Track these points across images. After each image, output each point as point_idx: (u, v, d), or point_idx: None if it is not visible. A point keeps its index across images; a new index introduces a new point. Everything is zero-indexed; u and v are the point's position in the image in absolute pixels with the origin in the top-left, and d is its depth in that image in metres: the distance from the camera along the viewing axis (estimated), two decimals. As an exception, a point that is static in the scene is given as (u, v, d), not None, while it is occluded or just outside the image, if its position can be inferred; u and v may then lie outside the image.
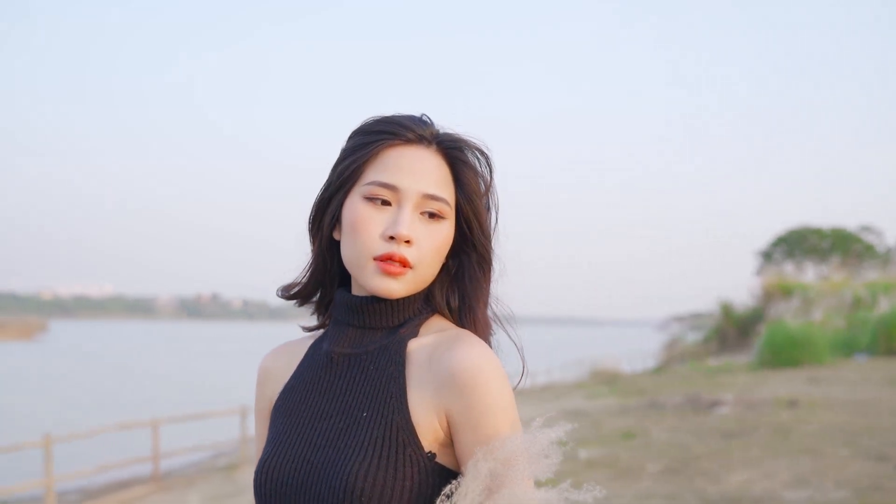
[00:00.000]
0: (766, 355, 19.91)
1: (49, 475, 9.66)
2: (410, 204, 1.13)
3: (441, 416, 1.09)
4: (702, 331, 38.13)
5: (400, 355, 1.13)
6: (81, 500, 10.86)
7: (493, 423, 1.07)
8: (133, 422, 12.18)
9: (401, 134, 1.15)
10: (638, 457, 8.95)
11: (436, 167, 1.15)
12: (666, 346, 36.93)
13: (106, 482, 12.03)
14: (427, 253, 1.13)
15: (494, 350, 1.21)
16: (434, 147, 1.16)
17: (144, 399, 24.31)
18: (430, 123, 1.18)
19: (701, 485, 7.38)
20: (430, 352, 1.12)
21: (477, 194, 1.17)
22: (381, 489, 1.05)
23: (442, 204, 1.14)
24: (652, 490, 7.31)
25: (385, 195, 1.13)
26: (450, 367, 1.09)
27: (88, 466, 10.82)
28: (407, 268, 1.12)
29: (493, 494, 1.05)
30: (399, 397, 1.10)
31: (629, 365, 33.17)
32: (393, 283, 1.12)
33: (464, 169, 1.16)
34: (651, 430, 10.90)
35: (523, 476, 1.06)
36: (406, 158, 1.14)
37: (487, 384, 1.08)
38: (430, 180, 1.14)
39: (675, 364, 29.95)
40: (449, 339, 1.13)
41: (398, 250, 1.11)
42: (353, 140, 1.18)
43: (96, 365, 44.68)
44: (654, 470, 8.19)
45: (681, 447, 9.37)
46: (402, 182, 1.13)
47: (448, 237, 1.16)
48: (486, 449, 1.06)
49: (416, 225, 1.13)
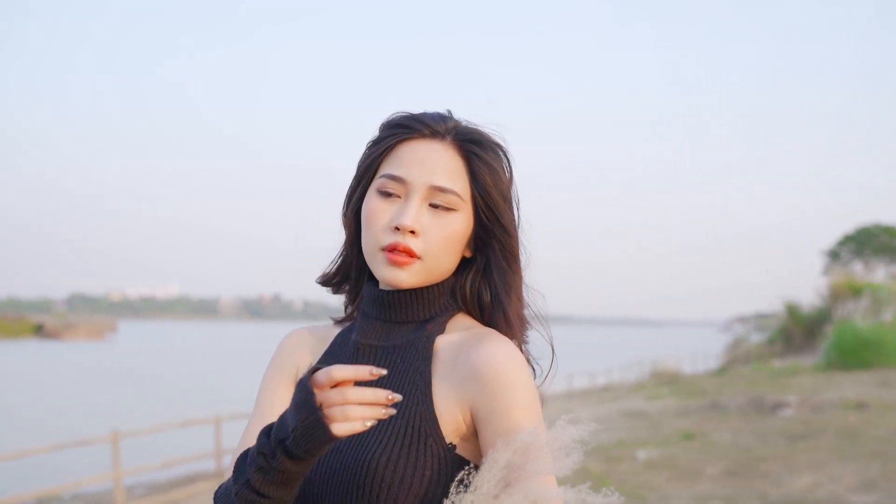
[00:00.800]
0: (833, 357, 19.34)
1: (117, 469, 9.95)
2: (418, 195, 1.15)
3: (465, 411, 1.11)
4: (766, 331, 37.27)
5: (427, 351, 1.16)
6: (148, 494, 11.15)
7: (516, 418, 1.09)
8: (196, 419, 12.45)
9: (416, 128, 1.17)
10: (698, 458, 8.79)
11: (447, 160, 1.16)
12: (729, 347, 36.21)
13: (171, 477, 12.34)
14: (435, 244, 1.14)
15: (528, 347, 1.23)
16: (449, 141, 1.17)
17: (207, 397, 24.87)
18: (449, 118, 1.20)
19: (762, 487, 7.22)
20: (457, 349, 1.15)
21: (492, 187, 1.17)
22: (401, 476, 1.07)
23: (451, 196, 1.15)
24: (711, 492, 7.18)
25: (394, 188, 1.16)
26: (476, 363, 1.11)
27: (154, 461, 11.12)
28: (413, 258, 1.14)
29: (508, 486, 1.05)
30: (424, 390, 1.13)
31: (691, 366, 32.63)
32: (399, 273, 1.14)
33: (477, 162, 1.17)
34: (712, 431, 10.70)
35: (542, 471, 1.06)
36: (418, 152, 1.16)
37: (511, 381, 1.10)
38: (439, 172, 1.15)
39: (739, 365, 29.32)
40: (476, 336, 1.15)
41: (402, 240, 1.13)
42: (374, 136, 1.22)
43: (162, 364, 45.90)
44: (714, 472, 8.04)
45: (742, 449, 9.18)
46: (409, 174, 1.15)
47: (460, 230, 1.16)
48: (506, 440, 1.07)
49: (423, 216, 1.15)
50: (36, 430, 17.83)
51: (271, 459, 0.99)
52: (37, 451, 9.64)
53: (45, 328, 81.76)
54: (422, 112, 1.20)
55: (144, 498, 10.79)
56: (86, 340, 79.00)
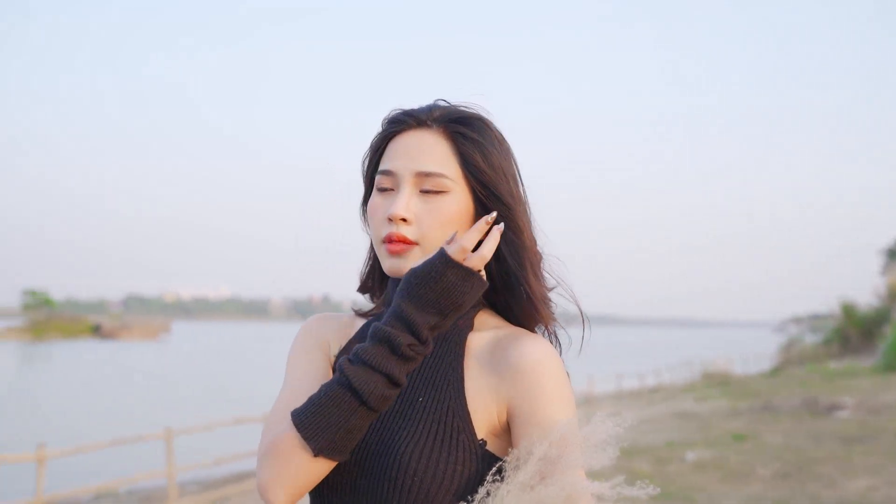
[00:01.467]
0: (892, 358, 18.82)
1: (170, 466, 10.15)
2: (407, 184, 1.17)
3: (501, 408, 1.12)
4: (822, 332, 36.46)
5: (460, 346, 1.17)
6: (200, 491, 11.35)
7: (552, 414, 1.10)
8: (247, 417, 12.63)
9: (404, 121, 1.20)
10: (749, 460, 8.65)
11: (432, 145, 1.18)
12: (782, 348, 35.49)
13: (223, 475, 12.54)
14: (430, 228, 1.16)
15: (557, 331, 1.23)
16: (434, 127, 1.19)
17: (258, 396, 25.24)
18: (436, 106, 1.21)
19: (816, 490, 7.06)
20: (493, 346, 1.16)
21: (481, 163, 1.17)
22: (433, 471, 1.08)
23: (438, 179, 1.16)
24: (763, 493, 7.05)
25: (387, 182, 1.19)
26: (514, 361, 1.12)
27: (206, 459, 11.31)
28: (408, 245, 1.16)
29: (545, 479, 1.06)
30: (456, 384, 1.14)
31: (742, 367, 32.04)
32: (398, 261, 1.16)
33: (463, 141, 1.18)
34: (764, 433, 10.52)
35: (577, 463, 1.06)
36: (405, 144, 1.19)
37: (549, 379, 1.11)
38: (423, 158, 1.17)
39: (792, 366, 28.72)
40: (513, 334, 1.17)
41: (396, 230, 1.16)
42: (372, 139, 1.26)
43: (214, 363, 46.71)
44: (765, 473, 7.90)
45: (795, 451, 9.00)
46: (397, 166, 1.18)
47: (455, 210, 1.17)
48: (542, 433, 1.08)
49: (414, 204, 1.16)
50: (93, 427, 18.30)
51: (422, 347, 1.07)
52: (94, 448, 9.89)
53: (102, 328, 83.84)
54: (415, 106, 1.22)
55: (197, 494, 10.99)
56: (141, 340, 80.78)
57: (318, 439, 1.06)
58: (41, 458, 8.70)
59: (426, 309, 1.06)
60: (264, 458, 1.09)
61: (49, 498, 8.96)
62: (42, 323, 78.61)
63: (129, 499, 11.43)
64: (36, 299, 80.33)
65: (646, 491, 1.08)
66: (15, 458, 9.50)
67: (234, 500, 10.62)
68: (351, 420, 1.06)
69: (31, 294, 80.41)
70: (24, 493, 9.79)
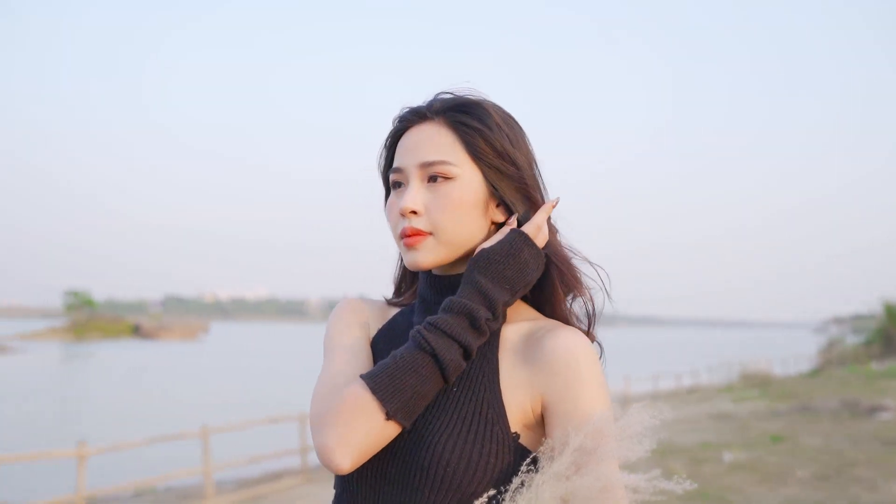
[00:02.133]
0: (936, 359, 18.39)
1: (207, 464, 10.28)
2: (414, 178, 1.19)
3: (536, 400, 1.12)
4: (863, 333, 35.75)
5: (494, 338, 1.17)
6: (236, 489, 11.48)
7: (587, 406, 1.09)
8: (282, 416, 12.74)
9: (407, 118, 1.22)
10: (786, 461, 8.52)
11: (433, 135, 1.19)
12: (823, 349, 34.85)
13: (258, 473, 12.67)
14: (441, 216, 1.16)
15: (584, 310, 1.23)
16: (435, 119, 1.20)
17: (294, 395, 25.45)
18: (436, 99, 1.22)
19: (855, 492, 6.93)
20: (527, 338, 1.16)
21: (484, 146, 1.18)
22: (466, 462, 1.08)
23: (441, 165, 1.17)
24: (800, 496, 6.94)
25: (398, 178, 1.21)
26: (548, 352, 1.12)
27: (242, 457, 11.44)
28: (421, 236, 1.17)
29: (580, 470, 1.06)
30: (491, 376, 1.14)
31: (782, 368, 31.56)
32: (415, 254, 1.17)
33: (463, 128, 1.18)
34: (802, 434, 10.35)
35: (612, 455, 1.06)
36: (408, 139, 1.21)
37: (583, 369, 1.11)
38: (426, 149, 1.18)
39: (833, 368, 28.21)
40: (548, 326, 1.17)
41: (408, 223, 1.18)
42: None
43: (252, 363, 47.22)
44: (803, 475, 7.77)
45: (834, 453, 8.85)
46: (403, 161, 1.20)
47: (464, 195, 1.17)
48: (578, 424, 1.08)
49: (422, 195, 1.18)
50: (132, 425, 18.61)
51: (494, 322, 1.13)
52: (132, 445, 10.05)
53: (142, 328, 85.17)
54: (420, 103, 1.23)
55: (232, 492, 11.12)
56: (180, 340, 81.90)
57: (392, 401, 1.07)
58: (82, 455, 8.86)
59: (502, 285, 1.12)
60: (327, 422, 1.08)
61: (90, 494, 9.14)
62: (83, 323, 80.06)
63: (166, 495, 11.59)
64: (77, 300, 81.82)
65: (682, 485, 1.07)
66: (57, 454, 9.70)
67: (270, 499, 10.72)
68: (426, 385, 1.09)
69: (73, 295, 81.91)
70: (65, 489, 9.99)
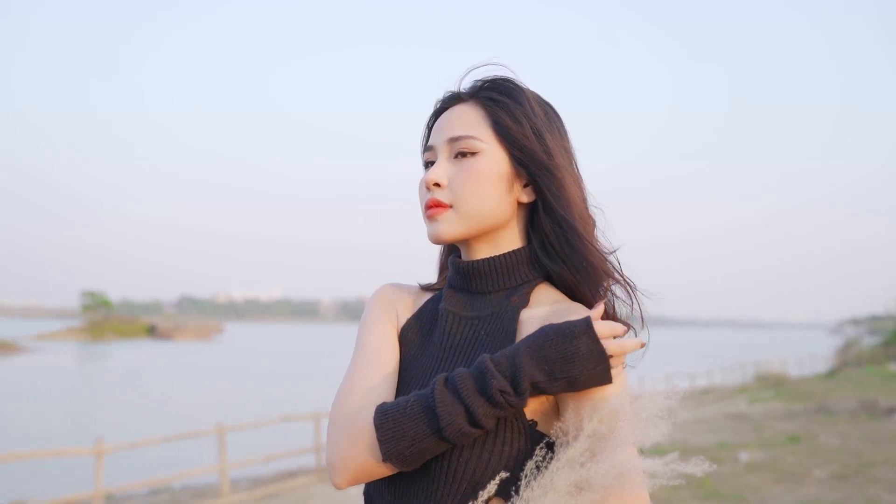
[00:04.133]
0: (954, 360, 18.21)
1: (223, 462, 10.32)
2: (442, 153, 1.20)
3: None
4: (880, 334, 35.48)
5: (512, 324, 1.15)
6: (251, 488, 11.52)
7: (601, 390, 1.06)
8: (296, 414, 12.78)
9: (444, 101, 1.25)
10: (803, 461, 8.46)
11: (462, 113, 1.20)
12: (839, 350, 34.63)
13: (273, 472, 12.72)
14: (463, 188, 1.17)
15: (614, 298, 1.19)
16: (467, 100, 1.22)
17: (308, 394, 25.52)
18: (473, 82, 1.23)
19: (875, 493, 6.88)
20: (543, 321, 1.13)
21: (509, 123, 1.18)
22: (479, 450, 1.07)
23: (467, 140, 1.18)
24: (818, 496, 6.89)
25: (429, 157, 1.23)
26: None
27: (257, 456, 11.48)
28: (442, 207, 1.18)
29: (595, 456, 1.04)
30: None
31: (797, 369, 31.35)
32: (436, 226, 1.18)
33: (493, 106, 1.19)
34: (819, 434, 10.28)
35: (628, 440, 1.04)
36: (442, 119, 1.23)
37: None
38: (454, 126, 1.20)
39: (849, 368, 28.02)
40: (563, 310, 1.13)
41: (432, 195, 1.19)
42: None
43: (266, 363, 47.39)
44: (821, 475, 7.72)
45: (852, 453, 8.78)
46: (434, 139, 1.22)
47: (486, 169, 1.17)
48: (592, 410, 1.05)
49: (447, 169, 1.19)
50: (148, 423, 18.71)
51: (515, 398, 1.04)
52: (149, 443, 10.11)
53: (157, 329, 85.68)
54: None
55: (247, 490, 11.16)
56: (194, 341, 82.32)
57: (389, 446, 1.06)
58: (99, 453, 8.93)
59: (539, 363, 1.04)
60: (338, 437, 1.10)
61: (107, 491, 9.19)
62: (99, 323, 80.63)
63: (182, 493, 11.65)
64: (94, 300, 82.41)
65: (700, 468, 1.04)
66: (75, 451, 9.77)
67: (284, 497, 10.75)
68: (425, 441, 1.05)
69: (90, 295, 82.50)
70: (83, 485, 10.07)
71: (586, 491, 1.03)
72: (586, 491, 1.03)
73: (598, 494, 1.03)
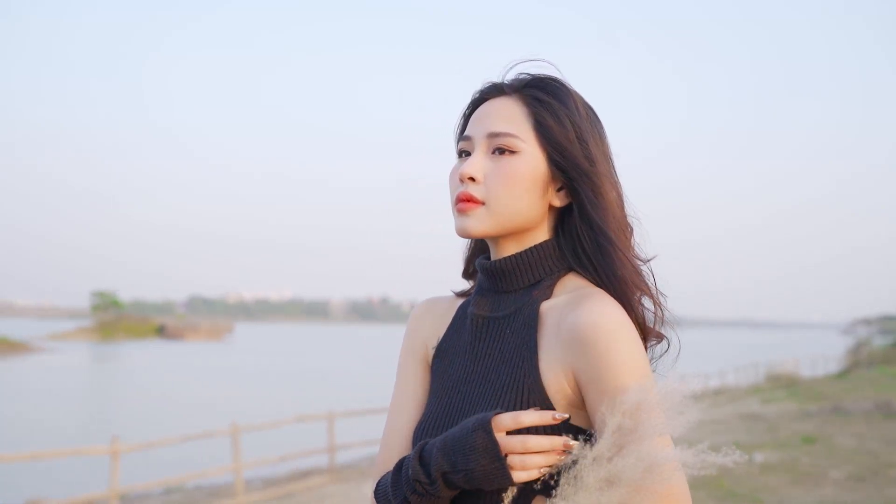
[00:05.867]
0: (969, 360, 18.09)
1: (237, 462, 10.35)
2: (480, 147, 1.18)
3: (569, 376, 1.08)
4: (892, 334, 35.32)
5: (532, 318, 1.14)
6: (265, 487, 11.55)
7: (618, 380, 1.04)
8: (310, 415, 12.80)
9: (485, 91, 1.22)
10: (820, 462, 8.44)
11: (504, 108, 1.18)
12: (851, 350, 34.47)
13: (286, 471, 12.75)
14: (497, 186, 1.15)
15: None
16: (511, 94, 1.20)
17: (320, 394, 25.58)
18: (519, 75, 1.22)
19: (893, 494, 6.86)
20: (561, 311, 1.12)
21: (552, 125, 1.16)
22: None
23: (508, 138, 1.16)
24: (836, 497, 6.87)
25: (464, 147, 1.21)
26: (575, 324, 1.07)
27: (271, 455, 11.51)
28: (474, 203, 1.16)
29: (621, 450, 1.01)
30: (530, 360, 1.11)
31: (810, 369, 31.21)
32: (465, 220, 1.16)
33: (535, 104, 1.17)
34: (834, 435, 10.25)
35: (654, 431, 1.01)
36: (481, 111, 1.21)
37: (611, 340, 1.05)
38: (495, 120, 1.17)
39: (862, 369, 27.88)
40: (579, 297, 1.11)
41: (465, 189, 1.16)
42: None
43: (278, 363, 47.51)
44: (837, 476, 7.69)
45: (869, 454, 8.75)
46: (472, 130, 1.20)
47: (524, 170, 1.15)
48: (612, 403, 1.03)
49: (484, 164, 1.17)
50: (162, 423, 18.80)
51: (430, 487, 1.07)
52: (164, 443, 10.15)
53: (168, 329, 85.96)
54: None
55: (261, 490, 11.20)
56: (205, 341, 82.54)
57: None
58: (115, 452, 8.97)
59: (447, 454, 1.06)
60: (372, 480, 1.19)
61: (123, 490, 9.24)
62: (110, 323, 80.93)
63: (197, 493, 11.70)
64: (104, 300, 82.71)
65: (732, 458, 1.03)
66: (91, 451, 9.83)
67: (298, 497, 10.78)
68: None
69: (100, 295, 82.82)
70: (99, 485, 10.12)
71: (616, 486, 1.01)
72: (616, 486, 1.01)
73: (628, 488, 1.01)
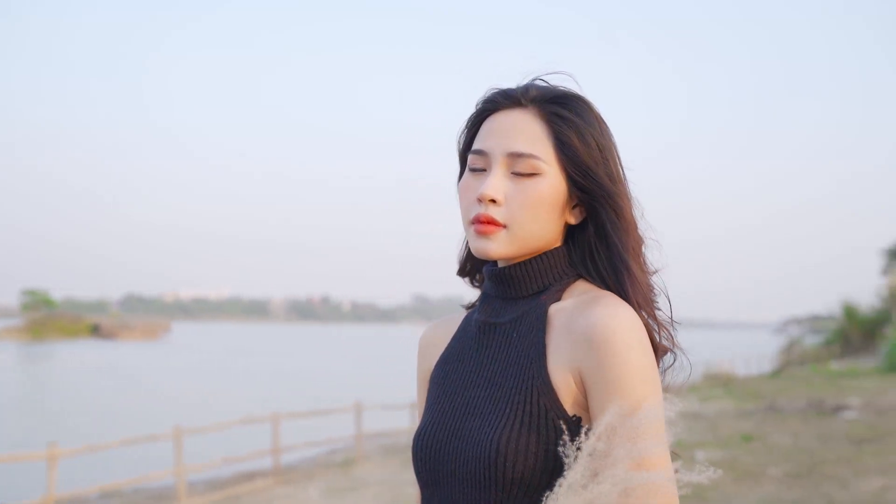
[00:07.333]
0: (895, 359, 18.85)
1: (179, 465, 10.16)
2: (499, 165, 1.14)
3: (576, 377, 1.07)
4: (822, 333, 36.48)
5: (540, 320, 1.13)
6: (208, 491, 11.36)
7: (624, 384, 1.03)
8: (255, 416, 12.64)
9: (498, 101, 1.17)
10: (759, 460, 8.68)
11: (525, 124, 1.14)
12: (783, 349, 35.50)
13: (230, 474, 12.56)
14: (519, 210, 1.12)
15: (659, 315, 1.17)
16: (529, 107, 1.15)
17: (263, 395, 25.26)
18: (532, 86, 1.18)
19: (829, 490, 7.09)
20: (569, 314, 1.11)
21: (578, 145, 1.13)
22: (524, 454, 1.06)
23: (531, 160, 1.12)
24: (777, 494, 7.08)
25: (479, 162, 1.16)
26: (583, 327, 1.07)
27: (215, 458, 11.32)
28: (496, 226, 1.13)
29: (596, 476, 1.00)
30: (538, 361, 1.10)
31: (744, 368, 32.05)
32: (486, 243, 1.13)
33: (559, 122, 1.13)
34: (771, 433, 10.55)
35: (628, 455, 1.00)
36: (497, 123, 1.16)
37: (618, 344, 1.04)
38: (516, 139, 1.13)
39: (794, 368, 28.77)
40: (589, 300, 1.11)
41: (485, 211, 1.13)
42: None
43: (217, 363, 46.72)
44: (776, 474, 7.93)
45: (805, 451, 9.04)
46: (489, 145, 1.15)
47: (546, 193, 1.13)
48: (618, 409, 1.01)
49: (505, 185, 1.13)
50: (99, 426, 18.31)
51: None
52: (105, 447, 9.89)
53: (102, 328, 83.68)
54: (511, 86, 1.19)
55: (204, 494, 11.00)
56: (141, 340, 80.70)
57: None
58: (52, 457, 8.71)
59: None
60: None
61: (60, 496, 8.98)
62: (41, 323, 78.43)
63: (135, 497, 11.44)
64: (35, 299, 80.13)
65: (706, 475, 1.03)
66: (27, 456, 9.53)
67: (243, 500, 10.63)
68: None
69: (31, 294, 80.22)
70: (34, 491, 9.81)
71: (594, 513, 0.98)
72: (594, 513, 0.98)
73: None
